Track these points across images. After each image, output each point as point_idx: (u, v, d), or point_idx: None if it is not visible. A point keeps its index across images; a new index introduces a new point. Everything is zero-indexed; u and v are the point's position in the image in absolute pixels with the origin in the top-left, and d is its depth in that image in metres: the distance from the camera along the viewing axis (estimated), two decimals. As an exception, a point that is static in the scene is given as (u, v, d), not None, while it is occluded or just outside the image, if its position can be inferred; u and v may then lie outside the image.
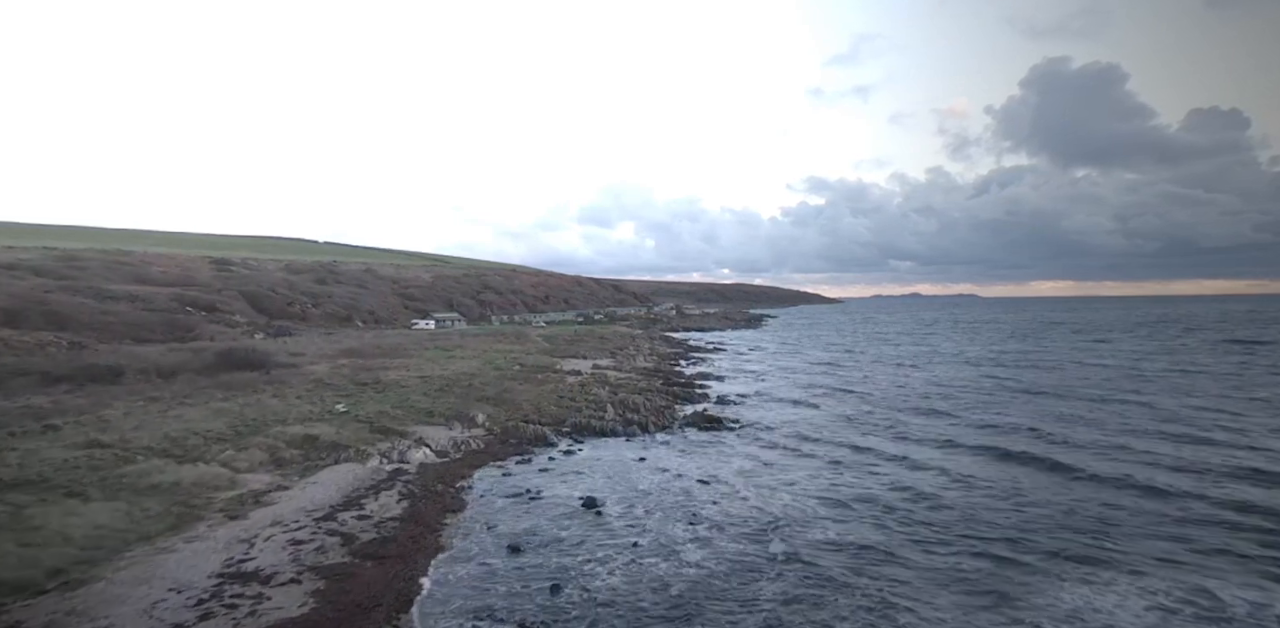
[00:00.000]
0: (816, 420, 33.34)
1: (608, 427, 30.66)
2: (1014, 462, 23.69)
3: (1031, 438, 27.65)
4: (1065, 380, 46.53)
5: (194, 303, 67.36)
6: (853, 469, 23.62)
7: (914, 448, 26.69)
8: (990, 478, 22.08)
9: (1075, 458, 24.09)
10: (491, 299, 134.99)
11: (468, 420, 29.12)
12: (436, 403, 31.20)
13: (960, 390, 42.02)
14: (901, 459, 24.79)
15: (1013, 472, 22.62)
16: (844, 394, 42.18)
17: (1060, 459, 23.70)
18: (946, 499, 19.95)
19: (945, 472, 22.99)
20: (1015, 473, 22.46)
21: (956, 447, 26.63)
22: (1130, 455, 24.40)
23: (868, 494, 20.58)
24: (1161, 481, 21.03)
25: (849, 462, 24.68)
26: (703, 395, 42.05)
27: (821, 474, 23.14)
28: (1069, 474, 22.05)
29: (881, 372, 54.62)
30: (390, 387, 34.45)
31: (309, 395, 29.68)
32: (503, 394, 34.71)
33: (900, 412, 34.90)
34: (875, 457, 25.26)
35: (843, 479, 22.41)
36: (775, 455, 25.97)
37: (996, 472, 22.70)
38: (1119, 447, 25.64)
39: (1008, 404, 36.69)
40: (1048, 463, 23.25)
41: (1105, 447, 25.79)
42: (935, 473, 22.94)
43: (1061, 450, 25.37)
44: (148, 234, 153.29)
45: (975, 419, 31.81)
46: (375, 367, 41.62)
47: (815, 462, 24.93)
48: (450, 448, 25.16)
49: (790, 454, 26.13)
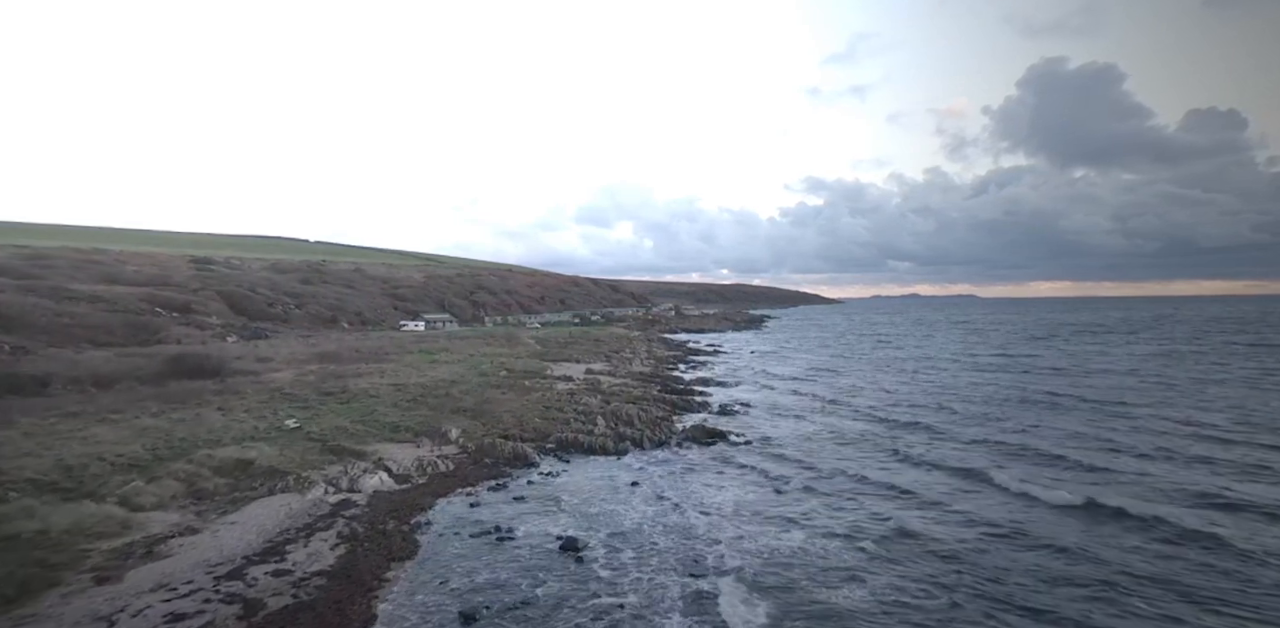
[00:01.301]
0: (826, 435, 30.12)
1: (597, 443, 27.43)
2: (1057, 511, 19.16)
3: (1077, 473, 23.29)
4: (1091, 390, 43.35)
5: (166, 304, 64.04)
6: (872, 499, 20.39)
7: (937, 479, 23.11)
8: (1025, 522, 18.90)
9: (1129, 499, 20.68)
10: (485, 300, 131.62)
11: (439, 437, 25.88)
12: (406, 416, 27.97)
13: (972, 402, 38.57)
14: (924, 492, 21.46)
15: (1056, 520, 18.52)
16: (852, 403, 38.93)
17: (1125, 507, 19.58)
18: (979, 543, 16.80)
19: (970, 502, 19.85)
20: (1061, 522, 18.35)
21: (978, 479, 22.64)
22: (1190, 491, 20.86)
23: (893, 533, 17.39)
24: (1233, 531, 17.82)
25: (867, 490, 21.46)
26: (703, 404, 38.84)
27: (838, 505, 19.95)
28: (1134, 525, 17.99)
29: (890, 378, 51.41)
30: (358, 397, 31.19)
31: (261, 408, 26.42)
32: (482, 405, 31.47)
33: (916, 428, 31.45)
34: (895, 486, 21.92)
35: (862, 512, 19.21)
36: (784, 479, 22.75)
37: (1036, 517, 18.83)
38: (1175, 486, 21.37)
39: (1029, 419, 33.03)
40: (1108, 511, 18.84)
41: (1155, 482, 21.88)
42: (965, 509, 19.80)
43: (1120, 492, 21.83)
44: (135, 233, 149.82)
45: (998, 441, 27.90)
46: (347, 373, 38.34)
47: (829, 488, 21.70)
48: (414, 471, 21.92)
49: (801, 477, 22.90)
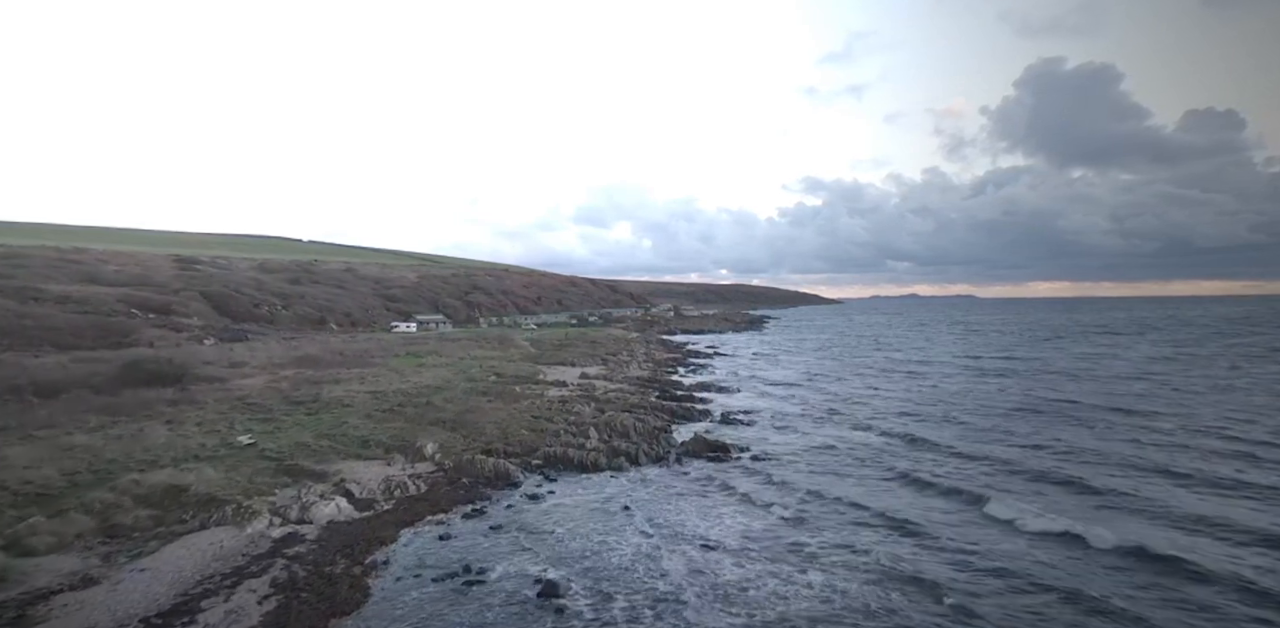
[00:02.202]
0: (834, 452, 27.51)
1: (588, 458, 24.98)
2: (1107, 556, 16.01)
3: (1108, 501, 20.29)
4: (1107, 397, 40.81)
5: (144, 305, 61.50)
6: (887, 535, 17.78)
7: (951, 509, 20.61)
8: (1073, 574, 16.43)
9: (1177, 539, 18.32)
10: (480, 300, 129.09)
11: (413, 453, 23.41)
12: (379, 428, 25.49)
13: (981, 412, 35.75)
14: (941, 529, 18.97)
15: (1109, 573, 15.57)
16: (858, 414, 36.16)
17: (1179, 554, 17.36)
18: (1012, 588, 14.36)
19: (993, 537, 17.41)
20: (1116, 574, 15.50)
21: (997, 513, 20.08)
22: (1240, 527, 18.26)
23: (923, 572, 14.96)
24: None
25: (878, 522, 18.66)
26: (704, 412, 36.41)
27: (858, 537, 17.47)
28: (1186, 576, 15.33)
29: (894, 384, 48.70)
30: (329, 406, 28.72)
31: (216, 421, 23.94)
32: (465, 415, 28.99)
33: (925, 444, 28.32)
34: (908, 520, 19.21)
35: (886, 547, 16.73)
36: (796, 503, 20.28)
37: (1084, 569, 15.99)
38: (1225, 521, 18.26)
39: (1044, 432, 30.18)
40: (1160, 560, 15.59)
41: (1204, 517, 18.96)
42: (983, 550, 17.35)
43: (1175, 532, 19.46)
44: (123, 232, 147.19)
45: (1014, 463, 24.74)
46: (324, 379, 35.87)
47: (845, 516, 19.15)
48: (380, 494, 19.45)
49: (811, 504, 20.31)
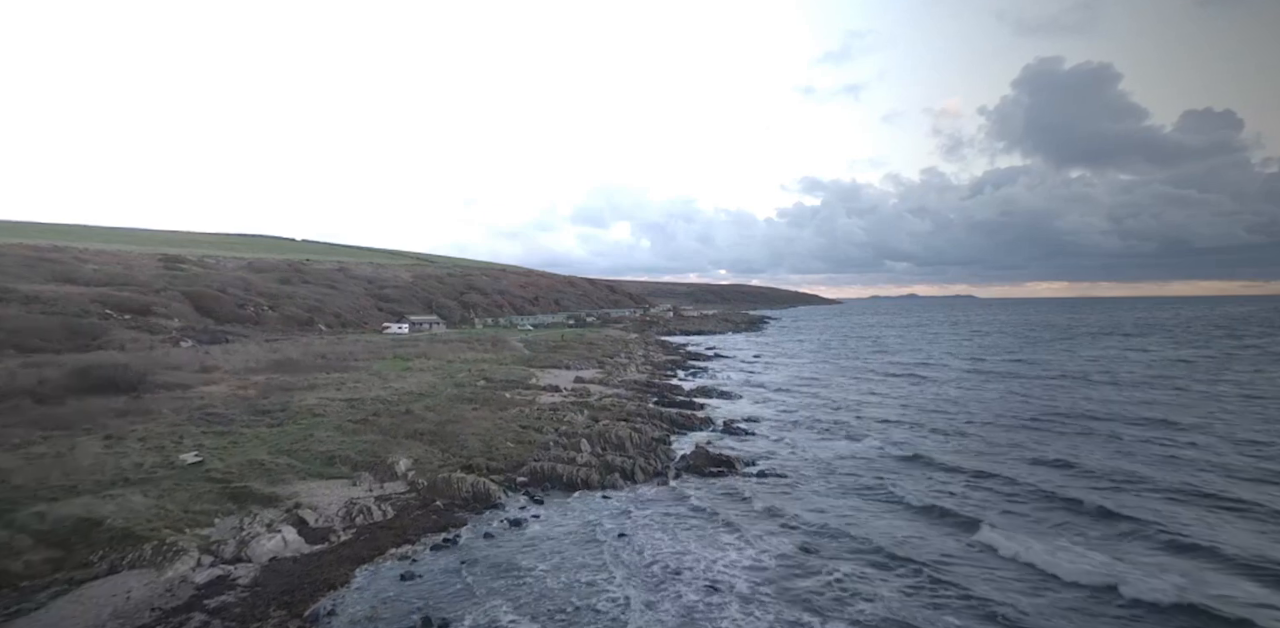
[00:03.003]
0: (846, 464, 25.25)
1: (579, 475, 22.66)
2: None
3: (1154, 536, 18.31)
4: (1127, 405, 38.42)
5: (121, 305, 59.07)
6: (910, 571, 15.59)
7: (976, 545, 18.64)
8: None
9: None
10: (476, 300, 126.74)
11: (383, 470, 21.08)
12: (349, 442, 23.15)
13: (993, 423, 32.99)
14: (966, 557, 16.77)
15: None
16: (866, 423, 33.81)
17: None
18: None
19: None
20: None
21: (1027, 553, 18.38)
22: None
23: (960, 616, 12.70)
24: None
25: (908, 559, 16.46)
26: (705, 420, 34.09)
27: (886, 572, 15.20)
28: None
29: (902, 389, 46.29)
30: (298, 416, 26.37)
31: (165, 435, 21.58)
32: (446, 426, 26.65)
33: (937, 459, 25.91)
34: (947, 540, 17.25)
35: (908, 596, 14.47)
36: (808, 532, 17.90)
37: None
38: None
39: (1064, 447, 27.55)
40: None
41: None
42: (1013, 602, 15.03)
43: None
44: (111, 231, 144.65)
45: (1036, 486, 21.78)
46: (298, 385, 33.50)
47: (862, 553, 16.73)
48: (338, 522, 17.13)
49: (828, 532, 17.96)
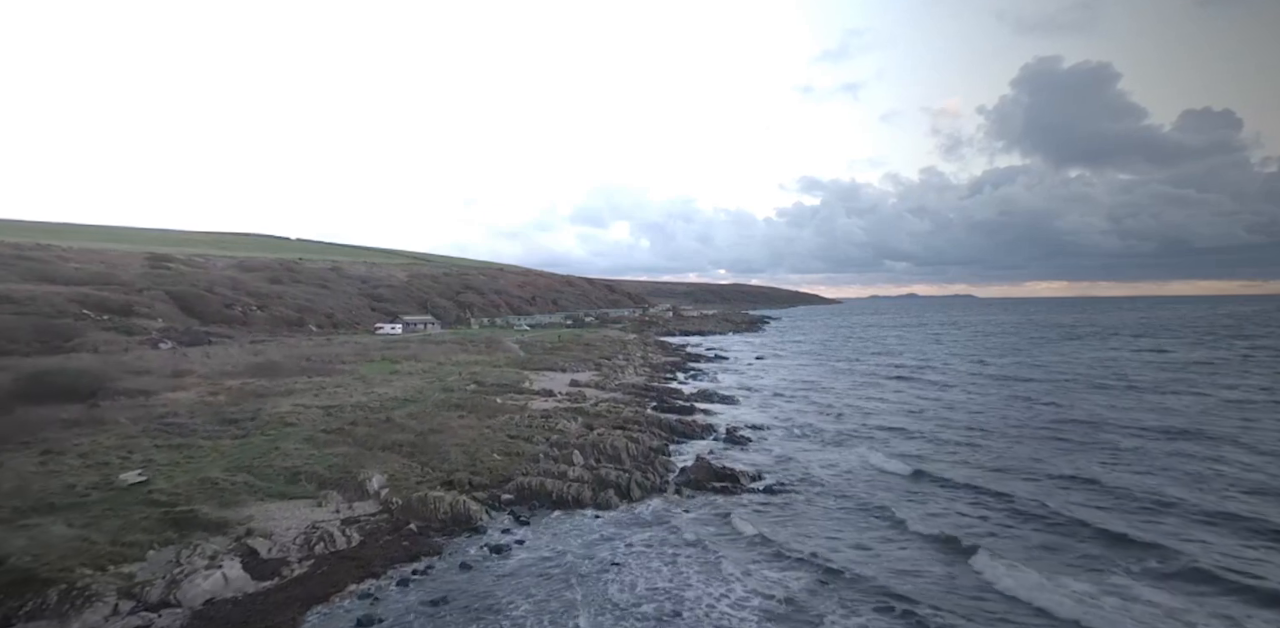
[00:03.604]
0: (857, 477, 23.32)
1: (570, 492, 20.72)
2: None
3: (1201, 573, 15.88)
4: (1148, 414, 36.00)
5: (101, 305, 57.05)
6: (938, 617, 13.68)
7: (995, 589, 16.69)
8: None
9: None
10: (472, 300, 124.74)
11: (353, 488, 19.11)
12: (317, 455, 21.16)
13: (1006, 434, 30.58)
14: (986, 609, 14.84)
15: None
16: (875, 429, 32.03)
17: None
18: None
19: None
20: None
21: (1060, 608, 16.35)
22: None
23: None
24: None
25: (929, 592, 14.66)
26: (707, 428, 32.17)
27: (899, 622, 13.24)
28: None
29: (908, 394, 44.16)
30: (267, 426, 24.39)
31: (112, 449, 19.59)
32: (428, 436, 24.68)
33: (950, 475, 23.76)
34: (961, 579, 15.25)
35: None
36: (822, 561, 15.90)
37: None
38: None
39: (1085, 463, 25.04)
40: None
41: None
42: None
43: None
44: (102, 229, 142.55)
45: (1062, 513, 19.10)
46: (274, 391, 31.51)
47: (880, 588, 14.79)
48: (294, 551, 15.15)
49: (842, 561, 15.98)
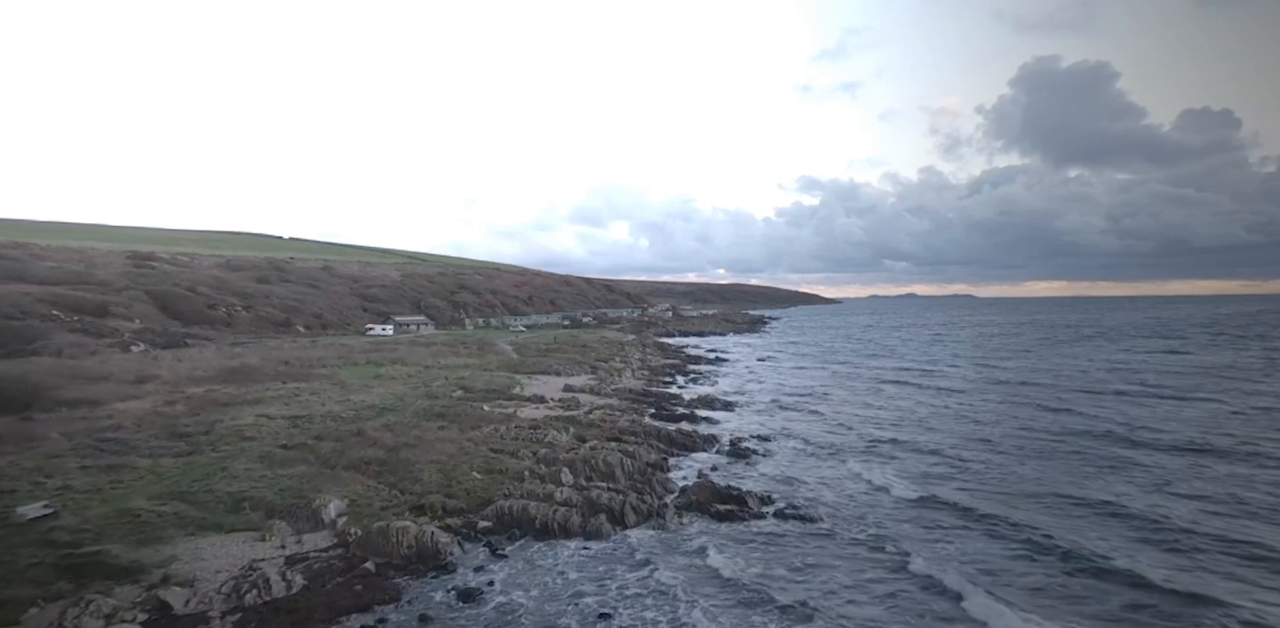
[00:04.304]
0: (871, 500, 20.85)
1: (556, 518, 18.25)
2: None
3: None
4: (1168, 423, 33.15)
5: (75, 306, 54.60)
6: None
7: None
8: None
9: None
10: (467, 300, 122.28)
11: (306, 517, 16.64)
12: (270, 477, 18.68)
13: (1026, 444, 28.06)
14: None
15: None
16: (885, 437, 29.75)
17: None
18: None
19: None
20: None
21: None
22: None
23: None
24: None
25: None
26: (708, 439, 29.70)
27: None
28: None
29: (918, 401, 41.53)
30: (222, 441, 21.91)
31: (25, 473, 17.08)
32: (401, 450, 22.20)
33: (971, 489, 21.85)
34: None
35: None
36: (837, 617, 13.45)
37: None
38: None
39: (1112, 483, 22.86)
40: None
41: None
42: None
43: None
44: (91, 228, 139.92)
45: (1097, 547, 16.71)
46: (240, 399, 29.03)
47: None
48: (219, 602, 12.67)
49: (861, 617, 13.55)
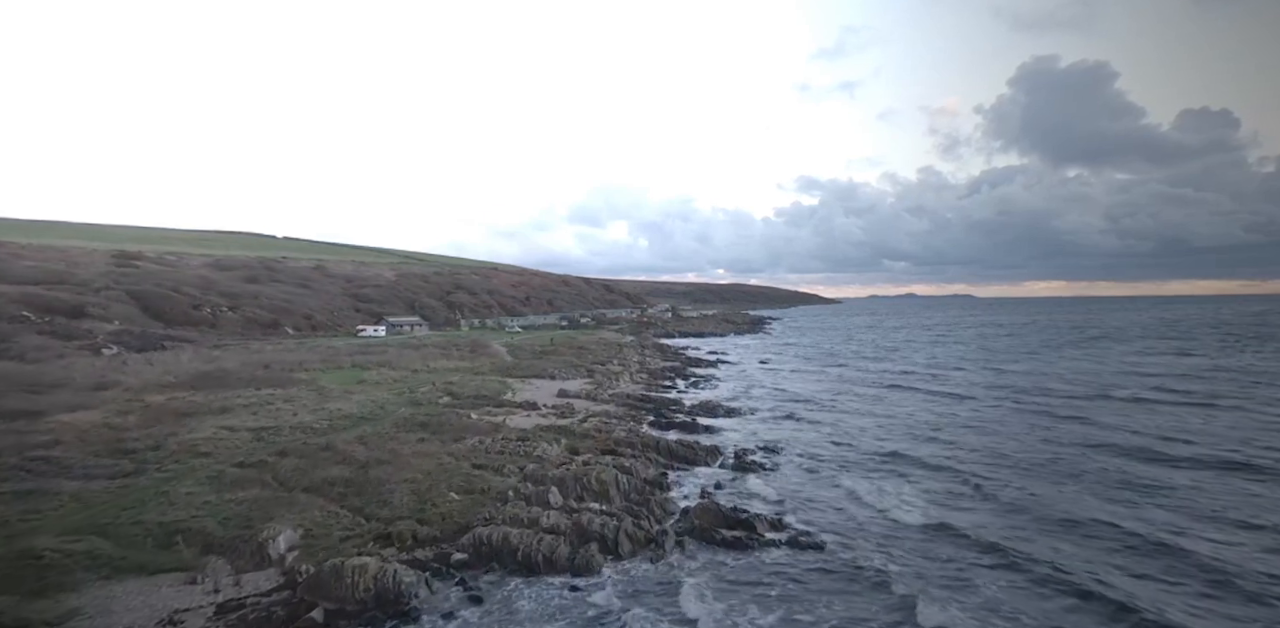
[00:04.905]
0: (881, 529, 18.57)
1: (541, 549, 16.06)
2: None
3: None
4: (1197, 437, 30.16)
5: (48, 306, 52.39)
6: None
7: None
8: None
9: None
10: (463, 300, 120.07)
11: (250, 553, 14.45)
12: (215, 503, 16.49)
13: (1047, 461, 25.62)
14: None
15: None
16: (896, 451, 27.58)
17: None
18: None
19: None
20: None
21: None
22: None
23: None
24: None
25: None
26: (711, 450, 27.54)
27: None
28: None
29: (926, 406, 39.49)
30: (171, 458, 19.73)
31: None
32: (371, 468, 20.01)
33: (990, 517, 19.55)
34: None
35: None
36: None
37: None
38: None
39: (1143, 501, 21.06)
40: None
41: None
42: None
43: None
44: (78, 226, 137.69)
45: (1120, 581, 15.36)
46: (205, 407, 26.84)
47: None
48: (126, 668, 10.49)
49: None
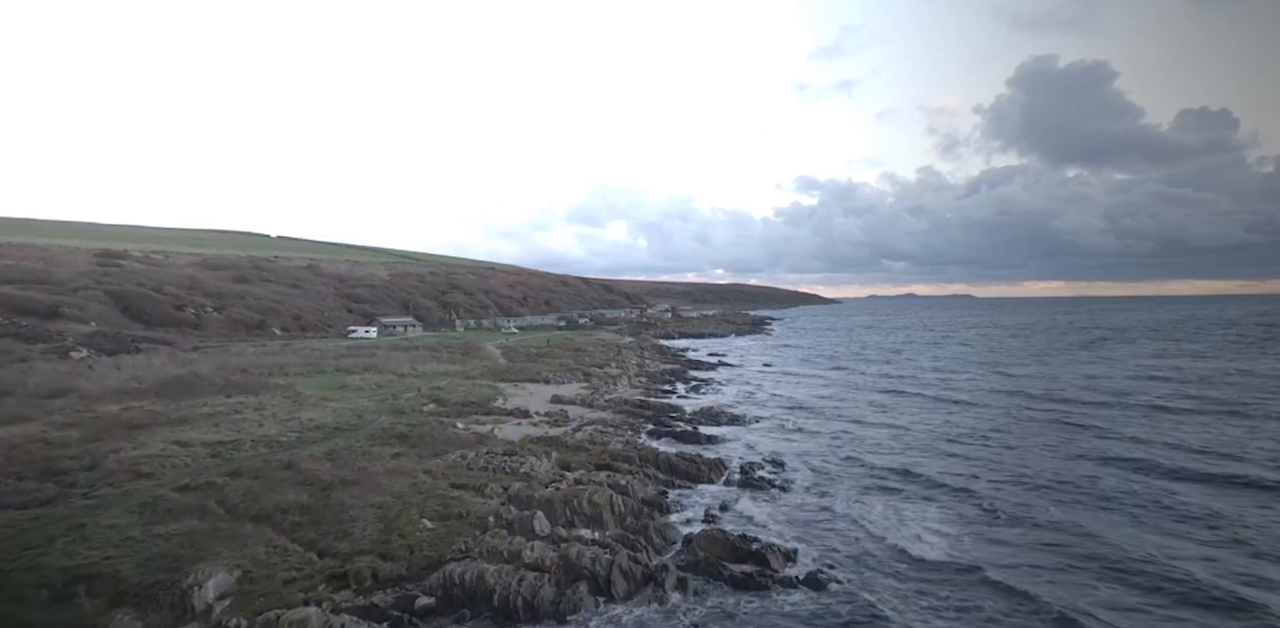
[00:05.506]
0: (900, 567, 16.06)
1: (521, 590, 13.76)
2: None
3: None
4: (1224, 448, 27.35)
5: (20, 307, 50.08)
6: None
7: None
8: None
9: None
10: (459, 301, 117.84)
11: (170, 604, 12.14)
12: (139, 539, 14.18)
13: (1067, 478, 23.20)
14: None
15: None
16: (909, 467, 25.21)
17: None
18: None
19: None
20: None
21: None
22: None
23: None
24: None
25: None
26: (715, 464, 25.26)
27: None
28: None
29: (935, 413, 37.10)
30: (106, 480, 17.42)
31: None
32: (334, 491, 17.70)
33: (1020, 555, 17.08)
34: None
35: None
36: None
37: None
38: None
39: (1180, 530, 18.66)
40: None
41: None
42: None
43: None
44: (66, 225, 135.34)
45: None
46: (163, 419, 24.53)
47: None
48: None
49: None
